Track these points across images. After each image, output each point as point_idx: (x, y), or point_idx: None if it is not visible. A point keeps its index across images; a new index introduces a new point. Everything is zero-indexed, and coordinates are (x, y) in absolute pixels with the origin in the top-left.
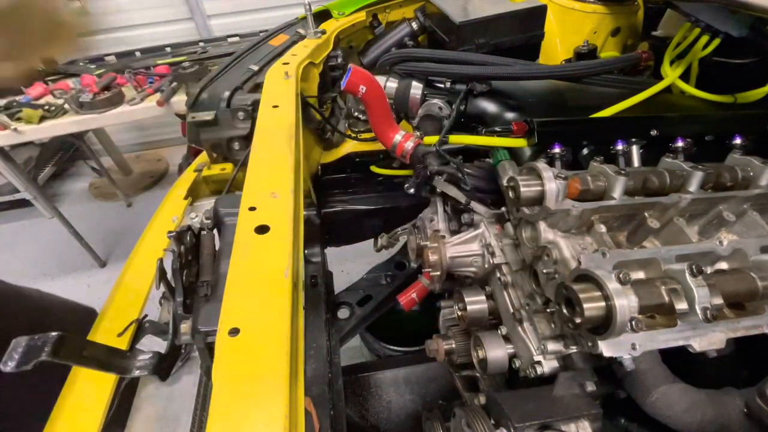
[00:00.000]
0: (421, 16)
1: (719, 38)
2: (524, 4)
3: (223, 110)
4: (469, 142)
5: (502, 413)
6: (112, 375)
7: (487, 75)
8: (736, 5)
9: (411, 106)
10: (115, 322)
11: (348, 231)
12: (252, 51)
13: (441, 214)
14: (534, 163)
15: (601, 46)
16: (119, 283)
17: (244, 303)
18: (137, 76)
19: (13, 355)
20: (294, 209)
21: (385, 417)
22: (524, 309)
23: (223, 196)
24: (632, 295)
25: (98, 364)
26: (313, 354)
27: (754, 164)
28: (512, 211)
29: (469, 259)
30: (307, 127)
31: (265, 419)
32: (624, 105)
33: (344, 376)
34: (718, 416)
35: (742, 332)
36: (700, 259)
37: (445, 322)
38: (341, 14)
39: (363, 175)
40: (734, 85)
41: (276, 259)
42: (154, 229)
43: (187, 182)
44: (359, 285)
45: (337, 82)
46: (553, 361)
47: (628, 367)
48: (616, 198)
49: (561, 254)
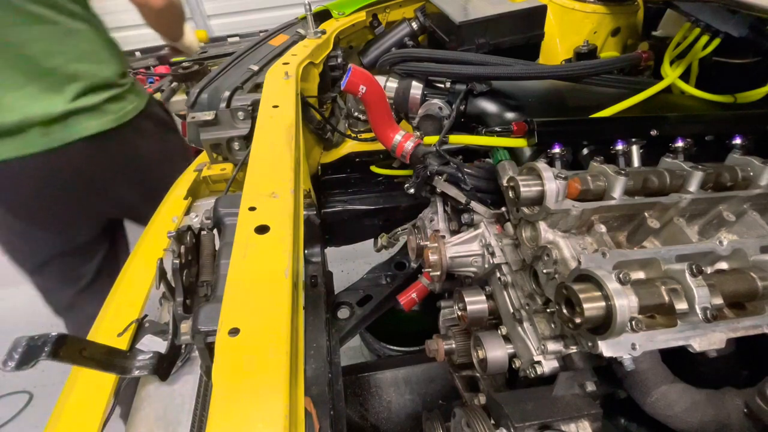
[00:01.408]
0: (421, 16)
1: (719, 38)
2: (524, 4)
3: (223, 110)
4: (469, 142)
5: (502, 413)
6: (112, 375)
7: (487, 75)
8: (736, 5)
9: (411, 106)
10: (115, 322)
11: (348, 231)
12: (252, 51)
13: (441, 214)
14: (534, 163)
15: (601, 46)
16: (119, 283)
17: (244, 303)
18: (137, 76)
19: (14, 354)
20: (294, 209)
21: (385, 417)
22: (524, 309)
23: (223, 196)
24: (632, 295)
25: (98, 364)
26: (313, 354)
27: (754, 164)
28: (512, 211)
29: (469, 259)
30: (307, 127)
31: (265, 419)
32: (624, 105)
33: (344, 376)
34: (718, 416)
35: (742, 332)
36: (700, 259)
37: (445, 322)
38: (341, 14)
39: (363, 175)
40: (734, 85)
41: (276, 259)
42: (154, 229)
43: (187, 182)
44: (359, 285)
45: (337, 82)
46: (553, 361)
47: (628, 367)
48: (616, 198)
49: (561, 254)
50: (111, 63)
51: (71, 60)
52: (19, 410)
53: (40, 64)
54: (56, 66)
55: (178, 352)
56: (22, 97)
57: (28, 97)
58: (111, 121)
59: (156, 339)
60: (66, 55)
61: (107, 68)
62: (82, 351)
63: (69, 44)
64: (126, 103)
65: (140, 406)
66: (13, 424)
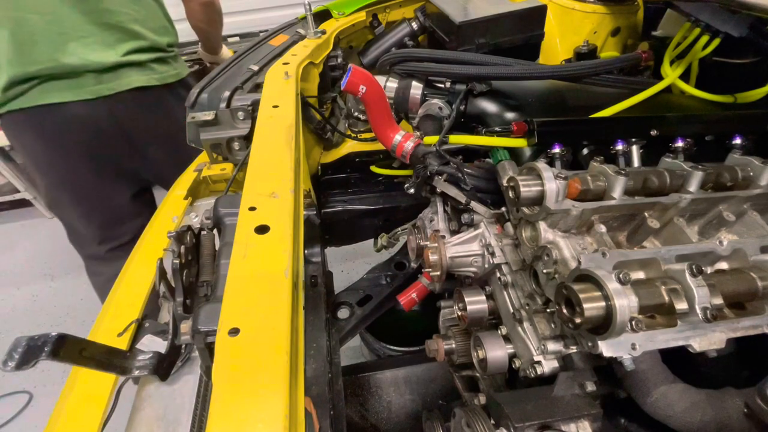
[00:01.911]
0: (421, 16)
1: (719, 38)
2: (524, 4)
3: (223, 110)
4: (469, 142)
5: (502, 413)
6: (112, 375)
7: (487, 75)
8: (736, 5)
9: (411, 106)
10: (115, 322)
11: (348, 231)
12: (252, 51)
13: (441, 214)
14: (534, 163)
15: (601, 46)
16: (119, 283)
17: (244, 303)
18: None
19: (14, 354)
20: (294, 209)
21: (385, 417)
22: (524, 309)
23: (223, 196)
24: (632, 295)
25: (98, 364)
26: (313, 354)
27: (754, 164)
28: (512, 211)
29: (469, 259)
30: (307, 127)
31: (265, 419)
32: (624, 105)
33: (344, 376)
34: (718, 416)
35: (742, 332)
36: (700, 259)
37: (445, 322)
38: (341, 14)
39: (363, 175)
40: (734, 85)
41: (276, 259)
42: (154, 229)
43: (187, 182)
44: (359, 285)
45: (337, 82)
46: (553, 361)
47: (628, 367)
48: (616, 198)
49: (561, 254)
50: (163, 32)
51: (132, 21)
52: (19, 410)
53: (106, 20)
54: (119, 23)
55: (178, 352)
56: (84, 45)
57: (88, 45)
58: (155, 80)
59: (156, 339)
60: (130, 15)
61: (160, 35)
62: (82, 351)
63: (134, 8)
64: (170, 67)
65: (140, 406)
66: (13, 424)
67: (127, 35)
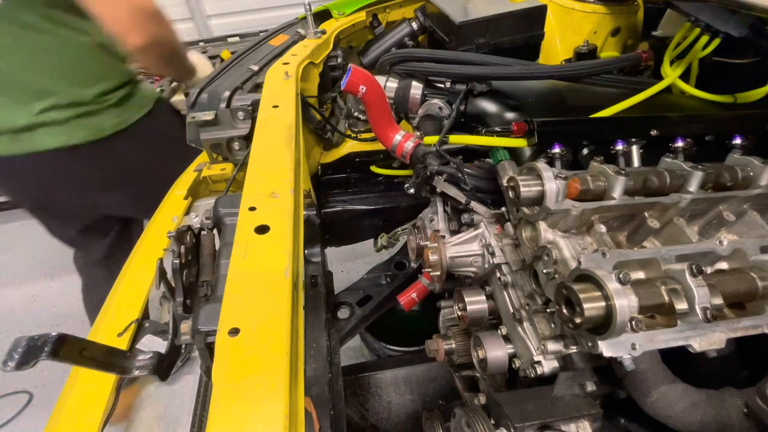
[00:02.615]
0: (421, 16)
1: (719, 38)
2: (524, 4)
3: (223, 110)
4: (469, 142)
5: (502, 413)
6: (112, 375)
7: (486, 75)
8: (736, 5)
9: (411, 106)
10: (115, 322)
11: (348, 231)
12: (252, 51)
13: (441, 214)
14: (534, 163)
15: (601, 46)
16: (119, 283)
17: (244, 303)
18: None
19: (14, 354)
20: (294, 209)
21: (385, 417)
22: (524, 309)
23: (223, 196)
24: (632, 295)
25: (98, 364)
26: (313, 354)
27: (754, 164)
28: (512, 211)
29: (469, 259)
30: (307, 127)
31: (265, 419)
32: (624, 105)
33: (344, 376)
34: (718, 416)
35: (742, 332)
36: (700, 259)
37: (445, 322)
38: (341, 14)
39: (363, 175)
40: (734, 85)
41: (276, 259)
42: (154, 229)
43: (187, 182)
44: (359, 285)
45: (337, 82)
46: (553, 361)
47: (628, 367)
48: (616, 198)
49: (561, 254)
50: (88, 82)
51: (43, 75)
52: (19, 410)
53: (10, 78)
54: (27, 80)
55: (178, 352)
56: None
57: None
58: (83, 136)
59: (156, 339)
60: (39, 70)
61: (81, 88)
62: (82, 351)
63: (45, 60)
64: (103, 119)
65: (140, 406)
66: (13, 424)
67: (37, 94)
